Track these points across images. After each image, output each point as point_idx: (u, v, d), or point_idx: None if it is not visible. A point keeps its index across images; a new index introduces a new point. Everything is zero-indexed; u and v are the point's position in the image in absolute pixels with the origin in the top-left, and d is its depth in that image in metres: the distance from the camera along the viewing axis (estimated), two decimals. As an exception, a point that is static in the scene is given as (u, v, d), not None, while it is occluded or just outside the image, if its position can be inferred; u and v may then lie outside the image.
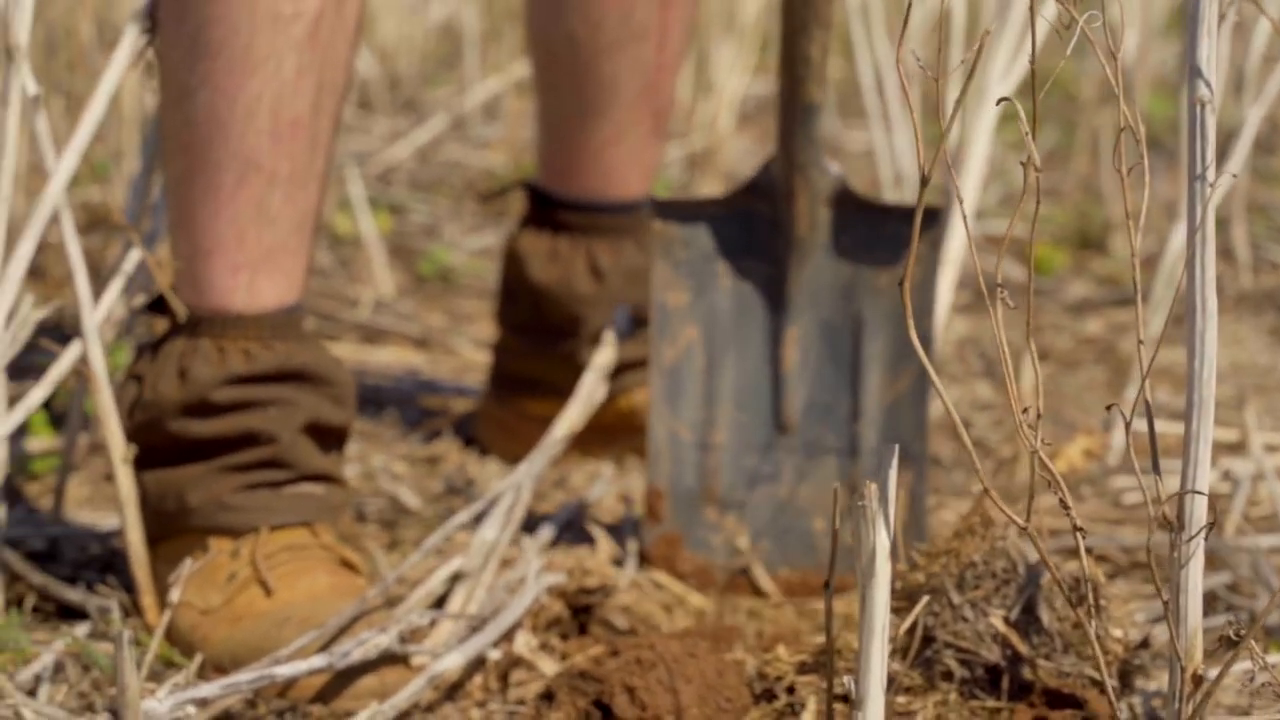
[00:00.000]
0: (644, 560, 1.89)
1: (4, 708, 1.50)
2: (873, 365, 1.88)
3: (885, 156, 2.79)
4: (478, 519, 1.88)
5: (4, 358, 1.59)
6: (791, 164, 1.86)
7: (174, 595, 1.61)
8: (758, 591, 1.87)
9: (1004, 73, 2.28)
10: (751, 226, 1.90)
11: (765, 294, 1.90)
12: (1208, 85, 1.16)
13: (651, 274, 1.90)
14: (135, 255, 1.80)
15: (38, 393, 1.65)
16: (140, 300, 1.82)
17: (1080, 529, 1.18)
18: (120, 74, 1.61)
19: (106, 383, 1.69)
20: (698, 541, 1.88)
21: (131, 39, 1.61)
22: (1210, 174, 1.17)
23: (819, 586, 1.86)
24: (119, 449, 1.71)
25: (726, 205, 1.90)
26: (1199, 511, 1.20)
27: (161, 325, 1.81)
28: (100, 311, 1.70)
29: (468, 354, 2.67)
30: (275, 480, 1.76)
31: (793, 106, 1.86)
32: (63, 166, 1.56)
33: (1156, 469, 1.21)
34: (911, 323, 1.22)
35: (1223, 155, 2.49)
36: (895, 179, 2.75)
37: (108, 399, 1.69)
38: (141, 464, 1.76)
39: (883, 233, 1.89)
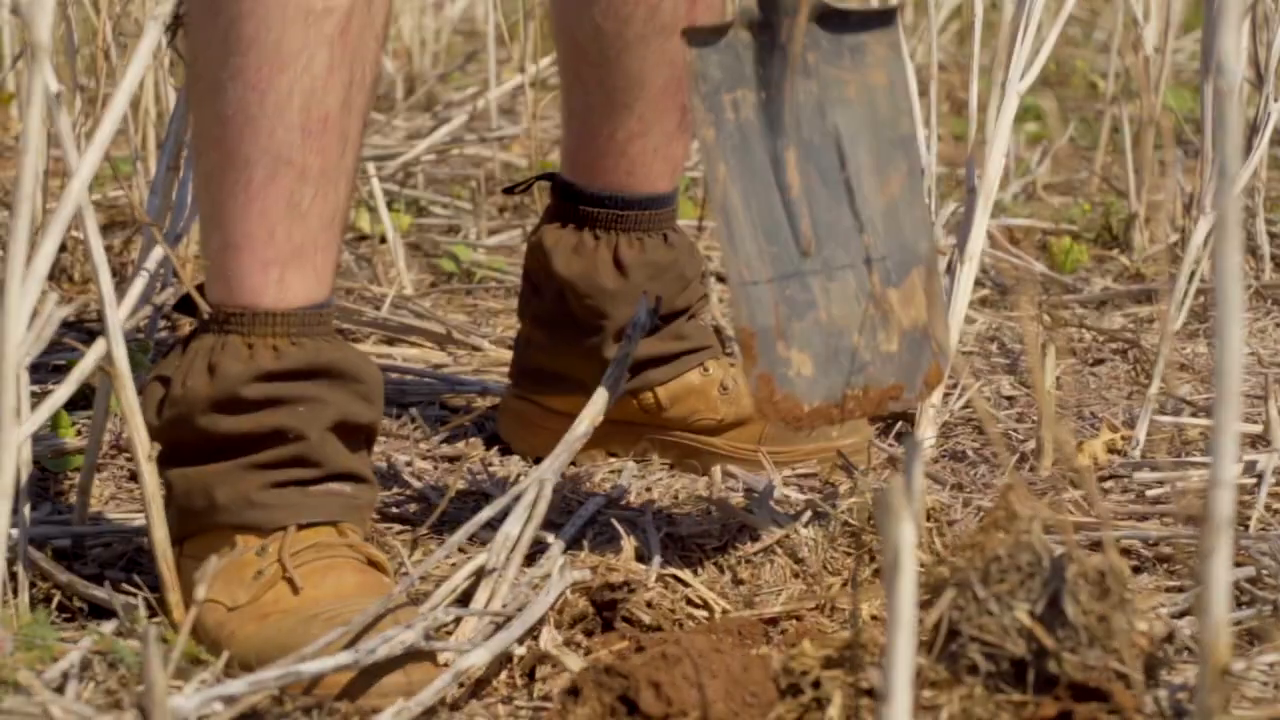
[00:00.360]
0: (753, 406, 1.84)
1: (32, 705, 1.50)
2: (861, 175, 1.86)
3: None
4: (501, 516, 1.88)
5: (28, 356, 1.59)
6: None
7: (199, 593, 1.61)
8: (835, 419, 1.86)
9: (1024, 67, 2.27)
10: (739, 55, 1.85)
11: (762, 122, 1.86)
12: (1232, 76, 1.16)
13: (692, 110, 1.85)
14: (158, 253, 1.80)
15: (62, 391, 1.65)
16: (165, 297, 1.83)
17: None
18: (141, 71, 1.61)
19: (130, 381, 1.69)
20: (781, 378, 1.84)
21: (153, 37, 1.61)
22: (1235, 166, 1.16)
23: (880, 400, 1.85)
24: (144, 446, 1.71)
25: (723, 33, 1.84)
26: (1225, 504, 1.20)
27: (187, 325, 1.81)
28: (124, 309, 1.70)
29: (489, 351, 2.67)
30: (303, 478, 1.76)
31: None
32: (85, 164, 1.56)
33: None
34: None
35: (1245, 148, 2.49)
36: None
37: (132, 397, 1.69)
38: (168, 462, 1.76)
39: (844, 42, 1.86)
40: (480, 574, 1.78)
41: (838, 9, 1.87)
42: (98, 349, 1.69)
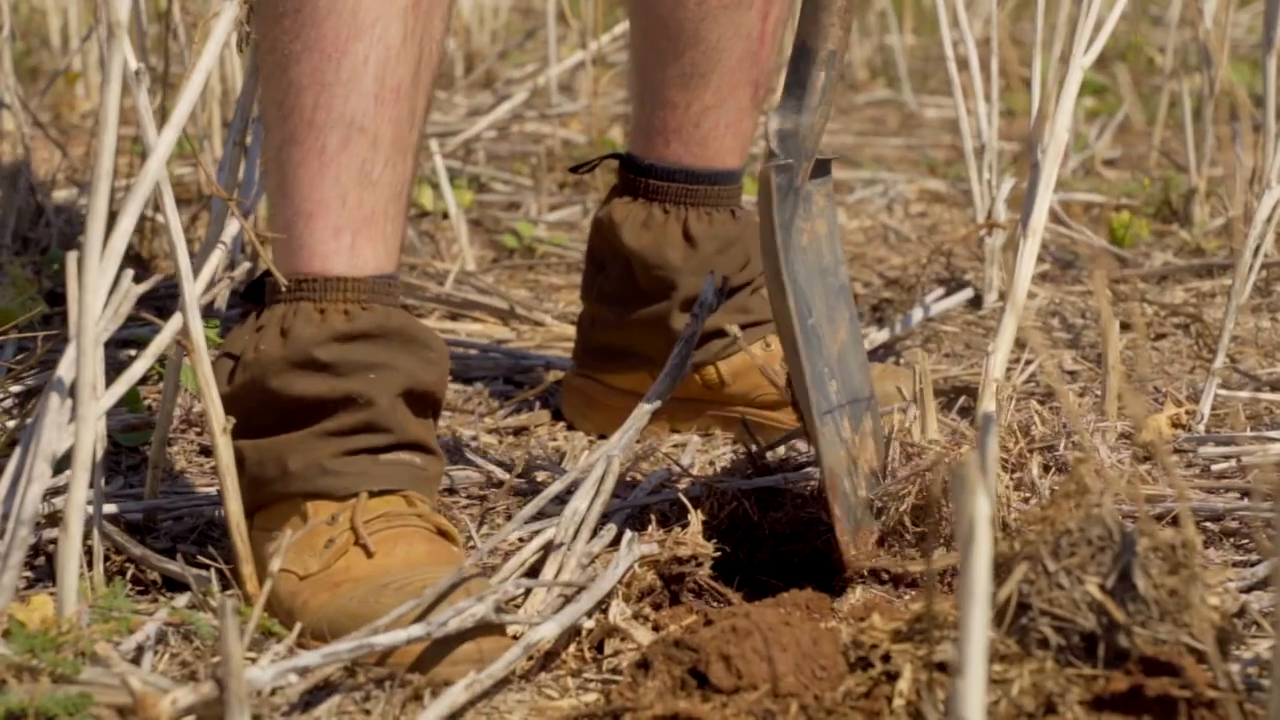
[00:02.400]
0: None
1: (110, 676, 1.52)
2: (822, 324, 1.86)
3: (968, 128, 2.78)
4: (569, 490, 1.89)
5: (106, 332, 1.61)
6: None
7: (274, 566, 1.63)
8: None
9: (1088, 42, 2.26)
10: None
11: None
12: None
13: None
14: (230, 228, 1.82)
15: (139, 365, 1.66)
16: (239, 272, 1.84)
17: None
18: (219, 49, 1.62)
19: (206, 355, 1.70)
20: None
21: (230, 15, 1.62)
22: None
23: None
24: (219, 419, 1.72)
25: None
26: (1301, 477, 1.20)
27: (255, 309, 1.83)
28: (200, 284, 1.72)
29: (552, 326, 2.68)
30: (374, 446, 1.77)
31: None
32: (164, 141, 1.58)
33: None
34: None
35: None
36: (978, 150, 2.75)
37: (208, 371, 1.71)
38: (239, 433, 1.78)
39: (802, 195, 1.87)
40: (548, 548, 1.79)
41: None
42: (174, 323, 1.70)
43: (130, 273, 1.63)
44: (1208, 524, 1.95)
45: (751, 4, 2.15)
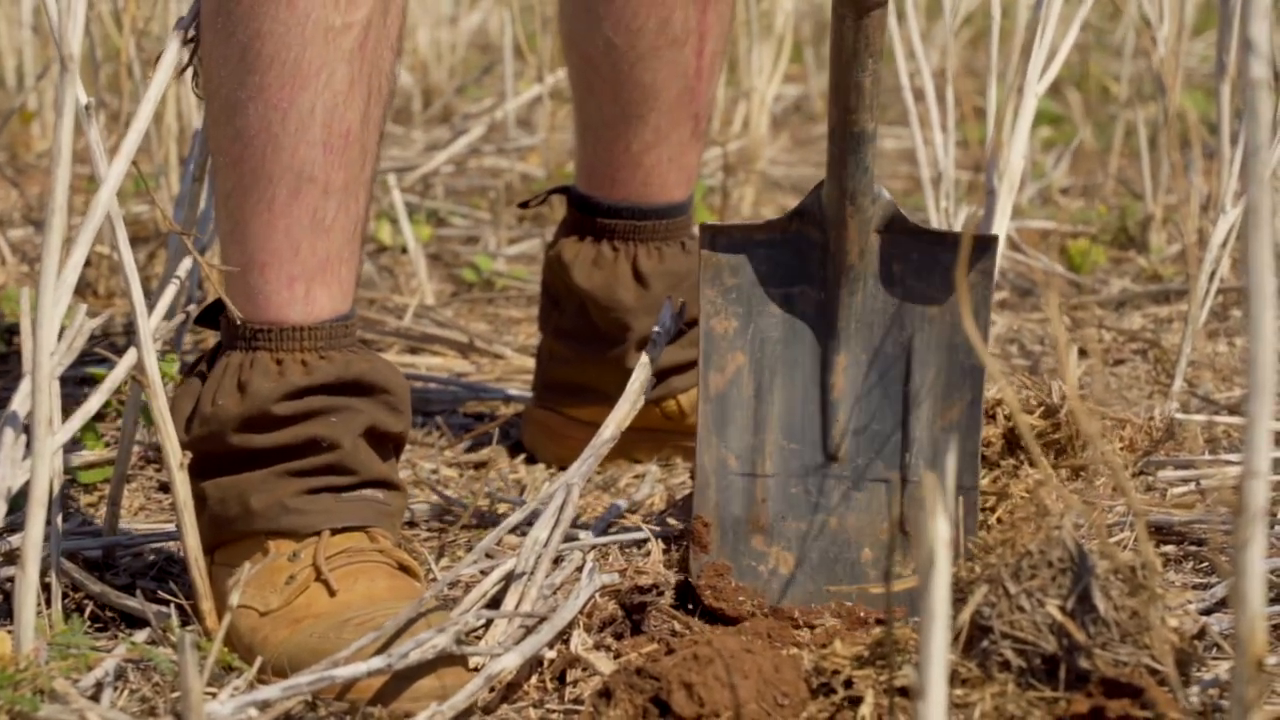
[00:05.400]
0: (692, 591, 1.84)
1: (69, 713, 1.51)
2: (923, 394, 1.86)
3: (924, 158, 2.79)
4: (529, 521, 1.89)
5: (60, 367, 1.60)
6: (842, 192, 1.82)
7: (233, 599, 1.62)
8: (803, 624, 1.82)
9: (1041, 71, 2.27)
10: (801, 253, 1.86)
11: (814, 321, 1.87)
12: (1262, 63, 1.16)
13: (700, 300, 1.87)
14: (185, 264, 1.81)
15: (94, 400, 1.66)
16: (194, 308, 1.84)
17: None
18: (166, 82, 1.62)
19: (162, 390, 1.70)
20: (745, 570, 1.84)
21: (175, 49, 1.62)
22: (1265, 153, 1.17)
23: (864, 618, 1.83)
24: (175, 455, 1.72)
25: (776, 231, 1.85)
26: (1259, 495, 1.20)
27: (212, 338, 1.82)
28: (154, 319, 1.71)
29: (512, 359, 2.68)
30: (337, 485, 1.76)
31: (844, 134, 1.80)
32: (114, 172, 1.57)
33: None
34: (976, 334, 1.22)
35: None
36: (935, 179, 2.76)
37: (164, 406, 1.70)
38: (200, 473, 1.77)
39: (935, 260, 1.86)
40: (509, 578, 1.79)
41: (932, 230, 1.86)
42: (129, 359, 1.70)
43: (84, 307, 1.62)
44: (1167, 547, 1.96)
45: (685, 41, 2.13)
